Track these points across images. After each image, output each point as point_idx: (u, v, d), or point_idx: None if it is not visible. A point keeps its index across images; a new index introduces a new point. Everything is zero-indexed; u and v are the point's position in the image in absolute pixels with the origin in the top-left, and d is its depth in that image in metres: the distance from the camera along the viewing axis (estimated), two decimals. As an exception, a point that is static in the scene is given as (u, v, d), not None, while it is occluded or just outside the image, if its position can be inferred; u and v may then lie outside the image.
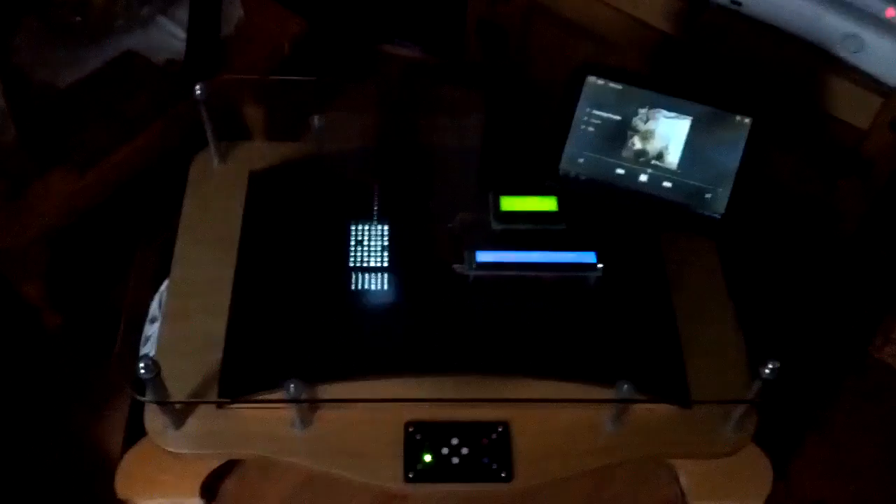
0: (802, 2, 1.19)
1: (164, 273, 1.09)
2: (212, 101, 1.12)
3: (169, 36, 1.42)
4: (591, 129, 1.08)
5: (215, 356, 0.98)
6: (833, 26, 1.18)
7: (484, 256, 1.05)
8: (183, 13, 1.44)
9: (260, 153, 1.20)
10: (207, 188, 1.16)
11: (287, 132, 1.29)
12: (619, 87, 1.08)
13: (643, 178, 1.07)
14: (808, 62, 1.21)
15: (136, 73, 1.35)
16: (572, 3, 1.41)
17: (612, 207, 1.09)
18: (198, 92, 1.11)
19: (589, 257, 1.04)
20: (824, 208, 1.28)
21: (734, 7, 1.25)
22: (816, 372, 1.34)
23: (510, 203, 1.08)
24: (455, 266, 1.05)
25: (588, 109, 1.08)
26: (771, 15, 1.22)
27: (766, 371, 0.89)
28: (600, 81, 1.08)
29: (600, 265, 1.03)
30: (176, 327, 1.02)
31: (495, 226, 1.07)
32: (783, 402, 0.95)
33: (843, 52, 1.19)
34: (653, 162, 1.07)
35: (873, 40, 1.15)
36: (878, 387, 1.37)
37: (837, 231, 1.29)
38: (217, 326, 1.01)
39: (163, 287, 1.10)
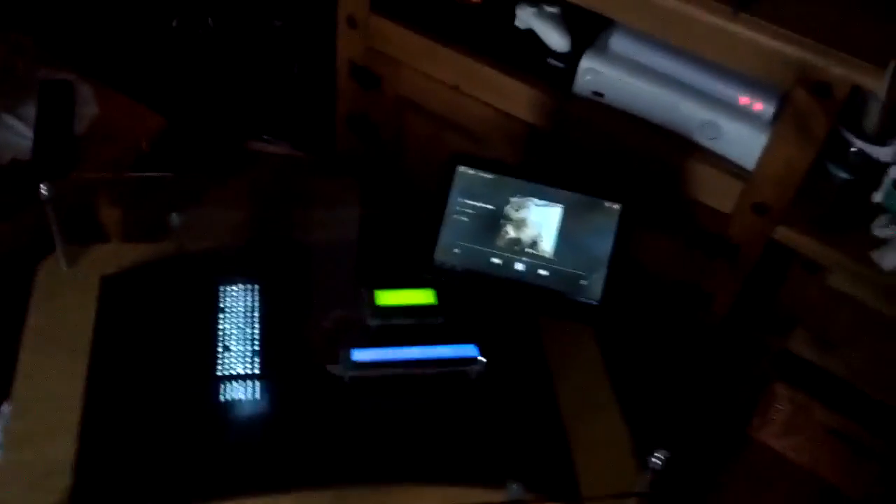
0: (659, 91, 1.22)
1: (5, 393, 0.98)
2: (61, 202, 1.05)
3: (15, 135, 1.34)
4: (464, 218, 1.06)
5: (63, 484, 0.88)
6: (690, 114, 1.22)
7: (360, 355, 1.00)
8: (30, 111, 1.36)
9: (114, 255, 1.13)
10: (55, 296, 1.07)
11: (145, 233, 1.22)
12: (489, 176, 1.07)
13: (519, 266, 1.05)
14: (671, 149, 1.24)
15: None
16: (440, 98, 1.41)
17: (490, 297, 1.07)
18: (44, 192, 1.03)
19: (470, 350, 1.00)
20: (696, 292, 1.30)
21: (596, 98, 1.27)
22: (700, 458, 1.34)
23: (386, 297, 1.05)
24: (329, 367, 0.99)
25: (460, 199, 1.06)
26: (631, 105, 1.25)
27: (655, 461, 0.86)
28: (471, 171, 1.07)
29: (482, 358, 1.00)
30: (18, 454, 0.92)
31: (371, 322, 1.03)
32: (672, 493, 0.92)
33: (702, 139, 1.22)
34: (527, 250, 1.06)
35: (729, 126, 1.20)
36: (760, 467, 1.38)
37: (710, 314, 1.31)
38: (66, 450, 0.91)
39: (3, 409, 0.99)
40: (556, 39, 1.28)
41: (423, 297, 1.05)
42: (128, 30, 1.72)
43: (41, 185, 1.02)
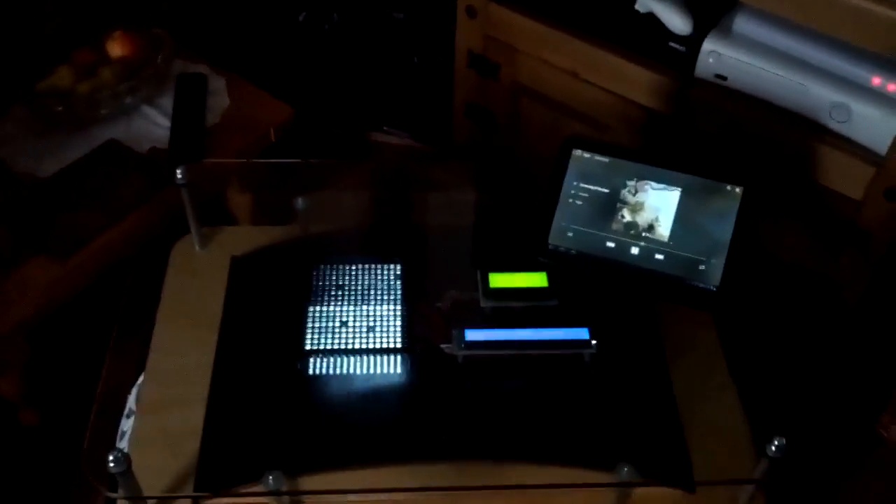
0: (786, 73, 1.18)
1: (142, 365, 1.05)
2: (194, 187, 1.11)
3: (153, 125, 1.42)
4: (579, 202, 1.06)
5: (192, 448, 0.93)
6: (819, 97, 1.17)
7: (473, 335, 1.01)
8: (168, 102, 1.44)
9: (243, 238, 1.18)
10: (188, 274, 1.13)
11: (272, 216, 1.27)
12: (605, 159, 1.06)
13: (634, 250, 1.04)
14: (798, 133, 1.20)
15: (118, 162, 1.34)
16: (558, 84, 1.41)
17: (604, 281, 1.06)
18: (179, 176, 1.09)
19: (582, 333, 1.00)
20: (824, 280, 1.25)
21: (719, 82, 1.24)
22: (823, 451, 1.28)
23: (499, 280, 1.05)
24: (443, 346, 1.01)
25: (575, 183, 1.06)
26: (756, 87, 1.21)
27: (773, 449, 0.84)
28: (586, 154, 1.06)
29: (594, 342, 0.99)
30: (152, 419, 0.97)
31: (484, 304, 1.04)
32: (790, 483, 0.89)
33: (832, 123, 1.18)
34: (644, 234, 1.04)
35: (861, 109, 1.14)
36: (885, 465, 1.31)
37: (839, 303, 1.26)
38: (195, 417, 0.96)
39: (140, 380, 1.05)
40: (677, 22, 1.26)
41: (535, 280, 1.05)
42: (258, 24, 1.80)
43: (177, 170, 1.08)
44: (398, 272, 1.11)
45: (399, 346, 1.03)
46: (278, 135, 1.46)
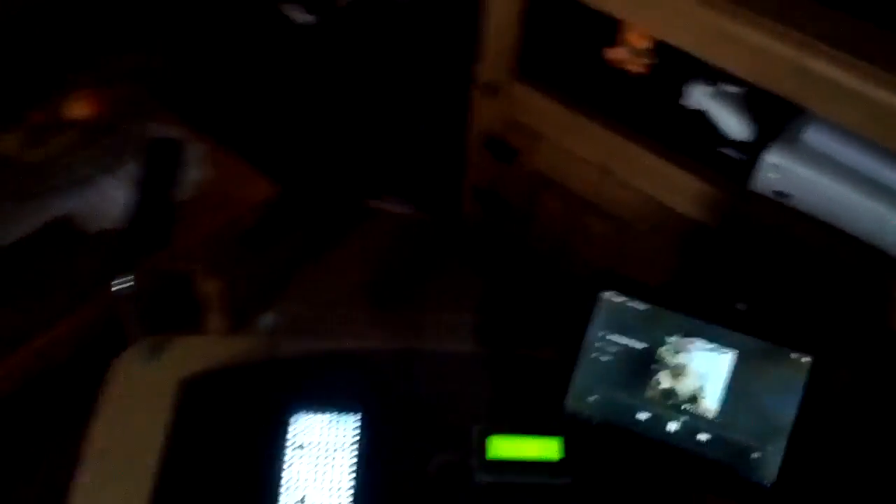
0: (863, 198, 0.98)
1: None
2: (141, 291, 0.91)
3: (110, 201, 1.21)
4: (606, 357, 0.85)
5: None
6: (902, 228, 0.97)
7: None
8: (134, 171, 1.24)
9: (197, 352, 0.98)
10: (127, 400, 0.93)
11: (236, 325, 1.07)
12: (642, 306, 0.85)
13: (672, 426, 0.84)
14: (875, 269, 0.99)
15: (65, 246, 1.14)
16: (583, 179, 1.21)
17: (631, 461, 0.85)
18: (118, 287, 0.90)
19: (601, 535, 0.80)
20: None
21: (780, 199, 1.04)
22: None
23: (502, 446, 0.85)
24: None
25: (602, 333, 0.86)
26: (827, 211, 1.01)
27: None
28: (619, 299, 0.86)
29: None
30: None
31: (480, 477, 0.84)
32: None
33: (916, 260, 0.97)
34: (685, 406, 0.83)
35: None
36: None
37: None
38: None
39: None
40: (734, 125, 1.06)
41: (546, 448, 0.85)
42: (251, 82, 1.60)
43: (112, 283, 0.88)
44: (357, 424, 0.89)
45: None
46: (257, 215, 1.26)
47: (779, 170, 1.02)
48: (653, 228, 1.17)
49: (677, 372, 0.84)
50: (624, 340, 0.85)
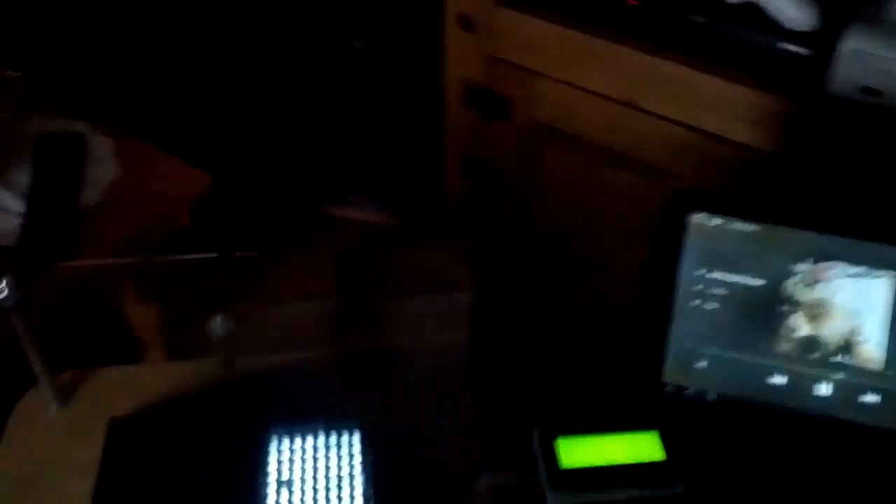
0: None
1: None
2: (46, 313, 0.66)
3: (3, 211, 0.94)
4: (711, 305, 0.60)
5: None
6: None
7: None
8: (22, 177, 0.97)
9: (127, 386, 0.72)
10: (36, 452, 0.66)
11: (178, 347, 0.81)
12: (750, 227, 0.60)
13: (823, 389, 0.58)
14: None
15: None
16: (599, 120, 0.97)
17: (768, 449, 0.60)
18: (4, 294, 0.63)
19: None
20: None
21: (869, 99, 0.80)
22: None
23: (578, 452, 0.59)
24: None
25: (700, 272, 0.60)
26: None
27: None
28: (714, 221, 0.61)
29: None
30: None
31: (555, 499, 0.57)
32: None
33: None
34: (837, 358, 0.58)
35: None
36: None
37: None
38: None
39: None
40: (792, 12, 0.83)
41: (642, 446, 0.59)
42: (160, 64, 1.33)
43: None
44: (358, 447, 0.62)
45: None
46: (192, 215, 0.99)
47: (863, 59, 0.79)
48: (697, 170, 0.93)
49: (817, 312, 0.59)
50: (732, 278, 0.60)
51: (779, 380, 0.58)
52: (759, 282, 0.59)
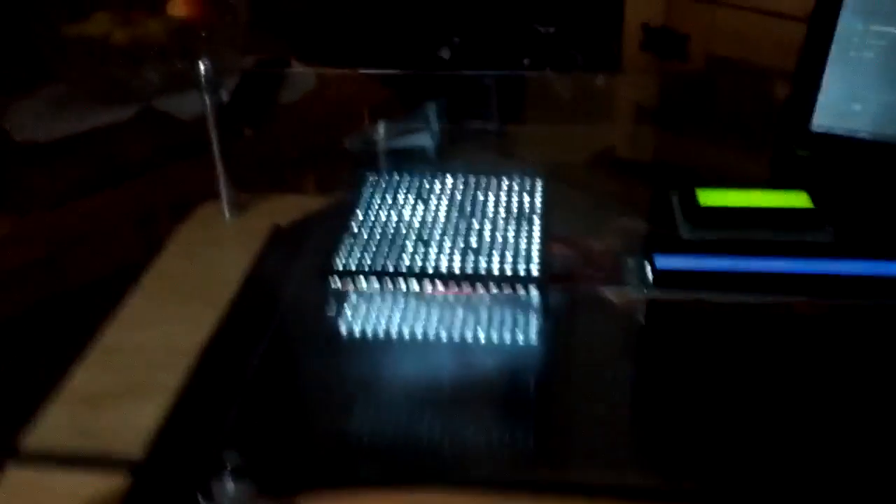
0: None
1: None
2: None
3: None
4: (870, 53, 0.57)
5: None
6: None
7: (670, 262, 0.51)
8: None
9: (293, 207, 0.75)
10: (203, 244, 0.71)
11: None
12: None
13: None
14: None
15: (149, 126, 0.97)
16: (777, 47, 0.96)
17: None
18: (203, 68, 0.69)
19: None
20: None
21: None
22: None
23: (715, 196, 0.57)
24: (605, 289, 0.51)
25: (859, 26, 0.58)
26: None
27: None
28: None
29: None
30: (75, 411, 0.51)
31: (689, 234, 0.55)
32: None
33: None
34: None
35: None
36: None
37: None
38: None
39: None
40: None
41: (787, 198, 0.56)
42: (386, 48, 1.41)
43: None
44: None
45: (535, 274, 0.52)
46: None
47: None
48: None
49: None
50: (893, 29, 0.57)
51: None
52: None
